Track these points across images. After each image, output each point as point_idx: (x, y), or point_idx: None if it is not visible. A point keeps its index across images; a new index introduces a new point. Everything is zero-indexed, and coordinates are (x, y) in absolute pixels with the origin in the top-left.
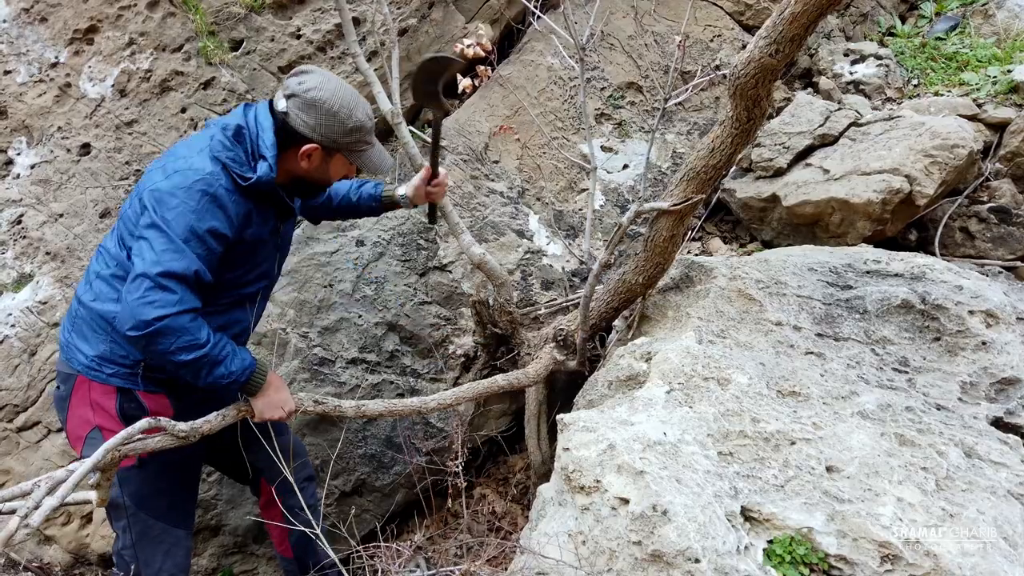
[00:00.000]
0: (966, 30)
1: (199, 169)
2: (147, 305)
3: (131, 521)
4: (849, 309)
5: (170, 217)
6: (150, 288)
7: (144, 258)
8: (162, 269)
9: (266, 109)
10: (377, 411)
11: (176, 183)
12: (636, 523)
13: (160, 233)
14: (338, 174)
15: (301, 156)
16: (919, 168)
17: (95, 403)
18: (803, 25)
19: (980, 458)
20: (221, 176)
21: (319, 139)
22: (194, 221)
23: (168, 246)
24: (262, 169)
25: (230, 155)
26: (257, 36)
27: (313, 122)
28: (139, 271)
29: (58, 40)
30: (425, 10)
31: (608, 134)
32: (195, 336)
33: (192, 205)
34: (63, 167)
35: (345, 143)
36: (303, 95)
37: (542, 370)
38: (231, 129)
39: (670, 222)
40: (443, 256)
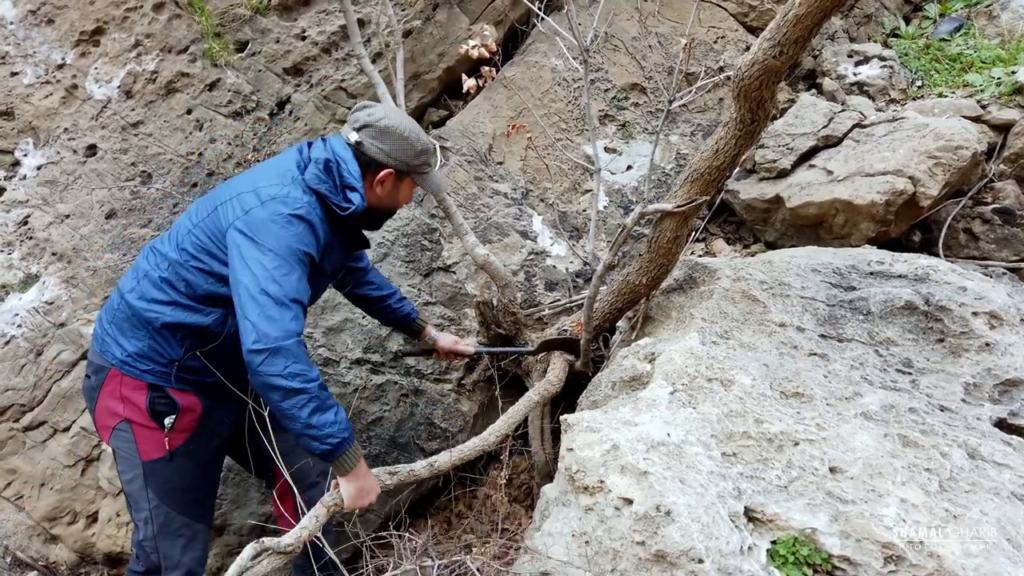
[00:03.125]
0: (970, 31)
1: (297, 198)
2: (271, 320)
3: (153, 513)
4: (853, 310)
5: (271, 241)
6: (272, 304)
7: (257, 276)
8: (279, 287)
9: (342, 142)
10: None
11: (275, 210)
12: (640, 523)
13: (266, 251)
14: (405, 199)
15: (376, 183)
16: (923, 169)
17: (125, 397)
18: (807, 27)
19: (983, 459)
20: (317, 206)
21: (393, 163)
22: (295, 243)
23: (279, 263)
24: (356, 199)
25: (326, 186)
26: (262, 38)
27: (388, 147)
28: (255, 290)
29: (64, 42)
30: (429, 12)
31: (612, 135)
32: (307, 367)
33: (292, 230)
34: (69, 168)
35: (415, 165)
36: (376, 124)
37: (562, 374)
38: (321, 162)
39: (674, 223)
40: (447, 257)
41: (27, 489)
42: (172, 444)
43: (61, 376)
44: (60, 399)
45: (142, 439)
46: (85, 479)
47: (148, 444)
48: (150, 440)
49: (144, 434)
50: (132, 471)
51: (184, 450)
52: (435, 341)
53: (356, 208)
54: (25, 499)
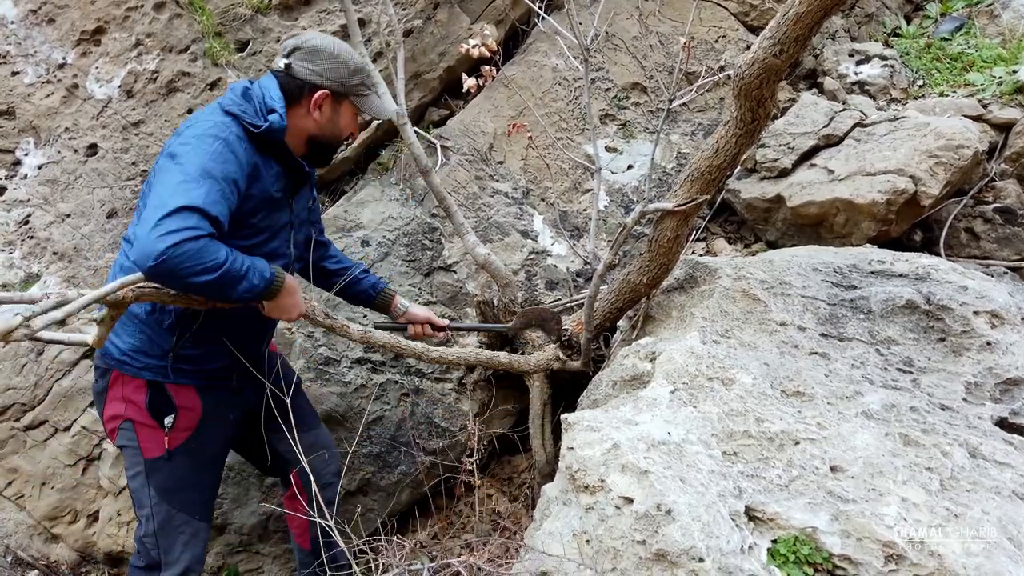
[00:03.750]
0: (971, 30)
1: (210, 120)
2: (162, 234)
3: (154, 511)
4: (854, 309)
5: (184, 160)
6: (164, 217)
7: (158, 193)
8: (177, 198)
9: (268, 75)
10: (382, 341)
11: (189, 135)
12: (640, 522)
13: (173, 171)
14: (347, 127)
15: (313, 106)
16: (924, 169)
17: (127, 398)
18: (807, 26)
19: (985, 458)
20: (232, 125)
21: (328, 83)
22: (208, 162)
23: (183, 179)
24: (273, 118)
25: (241, 108)
26: (263, 37)
27: (319, 67)
28: (154, 203)
29: (65, 41)
30: (430, 11)
31: (612, 135)
32: (214, 256)
33: (205, 148)
34: (70, 167)
35: (351, 85)
36: (305, 45)
37: (543, 362)
38: (238, 90)
39: (674, 222)
40: (448, 256)
41: (28, 488)
42: (172, 444)
43: (62, 375)
44: (61, 398)
45: (144, 437)
46: (86, 478)
47: (149, 442)
48: (151, 439)
49: (145, 432)
50: (135, 468)
51: (184, 449)
52: (406, 311)
53: (271, 124)
54: (26, 498)
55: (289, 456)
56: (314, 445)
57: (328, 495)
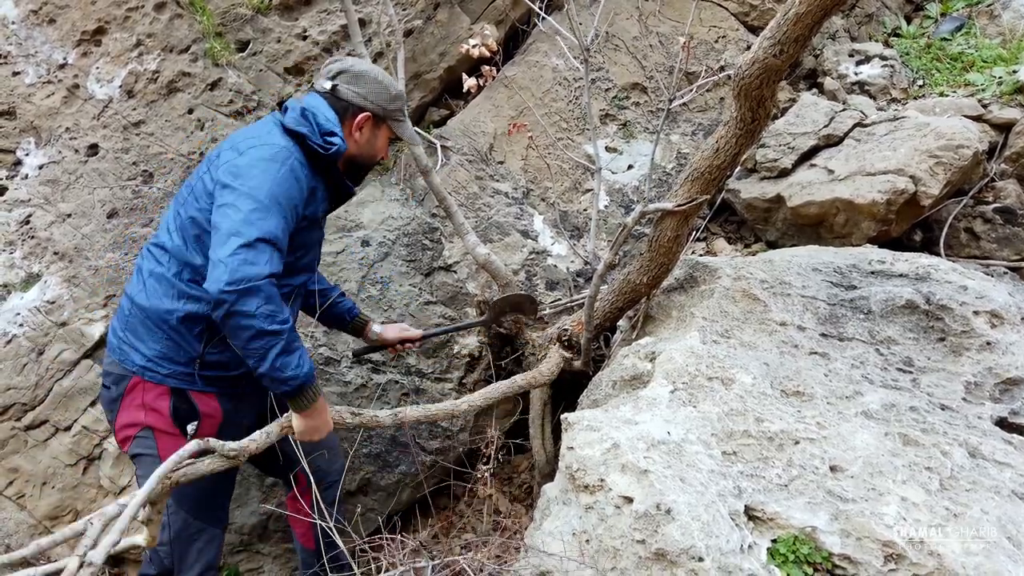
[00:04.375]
0: (971, 31)
1: (276, 143)
2: (243, 262)
3: (171, 520)
4: (853, 309)
5: (253, 183)
6: (242, 246)
7: (232, 219)
8: (253, 228)
9: (315, 95)
10: (414, 416)
11: (255, 156)
12: (640, 522)
13: (245, 197)
14: (381, 149)
15: (355, 128)
16: (924, 169)
17: (147, 405)
18: (807, 26)
19: (984, 458)
20: (296, 150)
21: (370, 107)
22: (275, 187)
23: (255, 207)
24: (337, 141)
25: (306, 128)
26: (263, 37)
27: (364, 90)
28: (230, 230)
29: (66, 41)
30: (430, 11)
31: (613, 135)
32: (280, 308)
33: (273, 174)
34: (71, 167)
35: (391, 111)
36: (350, 69)
37: (555, 368)
38: (297, 110)
39: (674, 222)
40: (448, 256)
41: (28, 488)
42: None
43: (63, 375)
44: (61, 398)
45: (164, 446)
46: (87, 478)
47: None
48: (172, 447)
49: (166, 441)
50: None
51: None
52: (380, 335)
53: (339, 148)
54: (27, 498)
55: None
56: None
57: (332, 494)
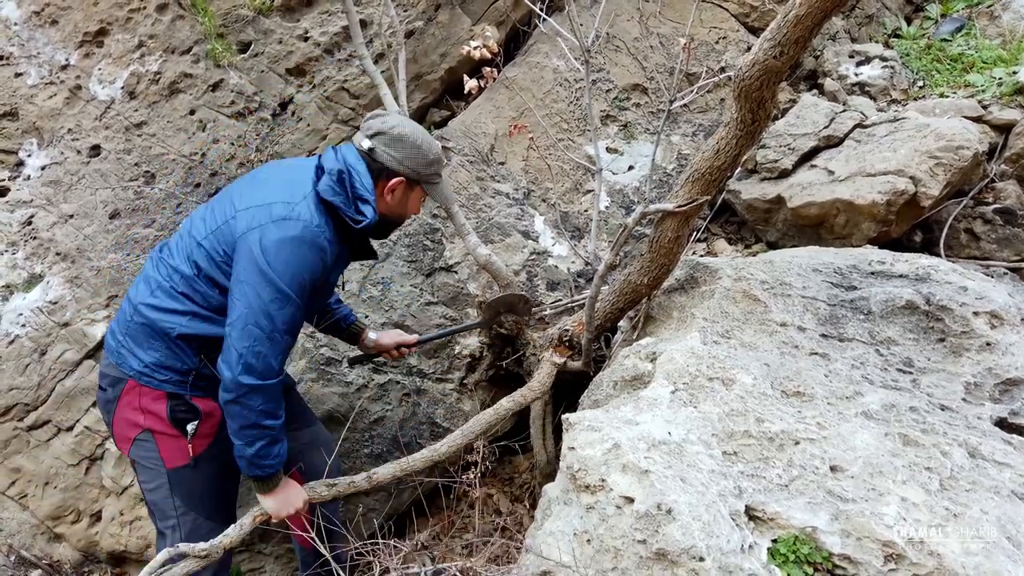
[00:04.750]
0: (972, 31)
1: (307, 221)
2: (259, 355)
3: (180, 521)
4: (854, 310)
5: (279, 269)
6: (260, 338)
7: (252, 305)
8: (273, 321)
9: (354, 152)
10: (390, 473)
11: (285, 232)
12: (641, 522)
13: (268, 284)
14: (414, 209)
15: (387, 191)
16: (924, 170)
17: (145, 408)
18: (807, 27)
19: (984, 458)
20: (326, 228)
21: (406, 171)
22: (300, 272)
23: (276, 296)
24: (369, 212)
25: (340, 199)
26: (265, 38)
27: (400, 155)
28: (248, 318)
29: (68, 42)
30: (432, 12)
31: (613, 136)
32: (278, 404)
33: (300, 258)
34: (73, 168)
35: (426, 175)
36: (389, 131)
37: (546, 380)
38: (334, 174)
39: (675, 223)
40: (449, 257)
41: (31, 488)
42: (196, 450)
43: (65, 375)
44: (64, 398)
45: (165, 448)
46: (89, 478)
47: (172, 452)
48: (173, 448)
49: (167, 443)
50: (156, 480)
51: (208, 455)
52: (376, 341)
53: (369, 221)
54: (29, 498)
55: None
56: (314, 441)
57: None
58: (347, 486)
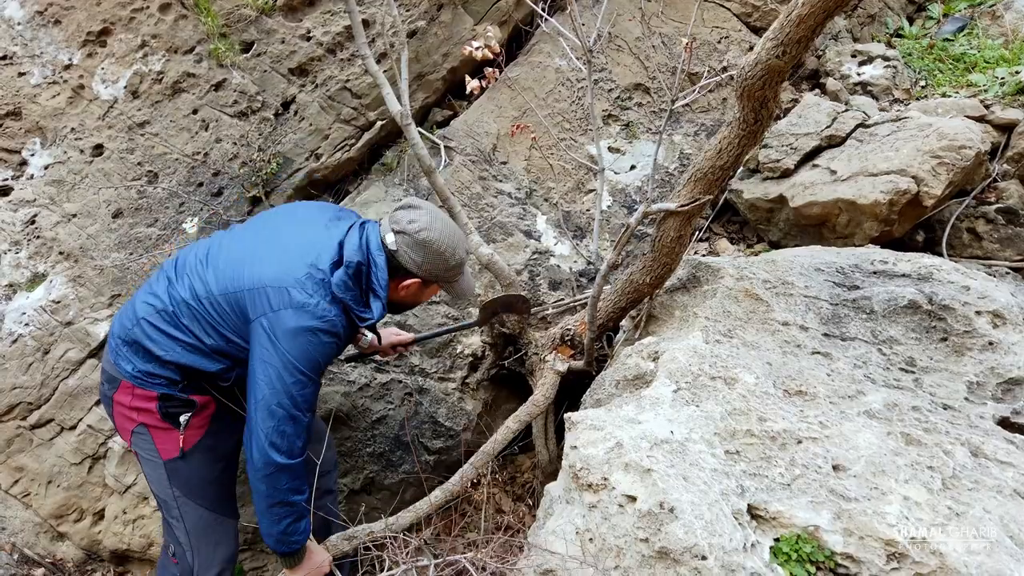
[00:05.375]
0: (974, 31)
1: (324, 311)
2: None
3: (182, 511)
4: (856, 309)
5: (296, 353)
6: (285, 419)
7: (274, 386)
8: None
9: (378, 243)
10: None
11: (302, 322)
12: (643, 520)
13: (288, 368)
14: (427, 298)
15: (401, 287)
16: (926, 169)
17: (136, 407)
18: (810, 27)
19: (986, 457)
20: (342, 318)
21: (423, 275)
22: (317, 357)
23: (297, 379)
24: (376, 309)
25: (351, 296)
26: (268, 38)
27: (420, 260)
28: (272, 400)
29: (71, 42)
30: (434, 12)
31: (615, 135)
32: (303, 481)
33: (316, 343)
34: (76, 168)
35: (445, 277)
36: (414, 235)
37: (550, 392)
38: (352, 267)
39: (677, 223)
40: None
41: (34, 487)
42: (188, 443)
43: (68, 374)
44: (67, 397)
45: (160, 440)
46: (92, 476)
47: (166, 444)
48: (167, 440)
49: (161, 435)
50: (156, 471)
51: (202, 446)
52: (371, 341)
53: (374, 320)
54: (32, 496)
55: None
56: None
57: (327, 483)
58: (366, 535)
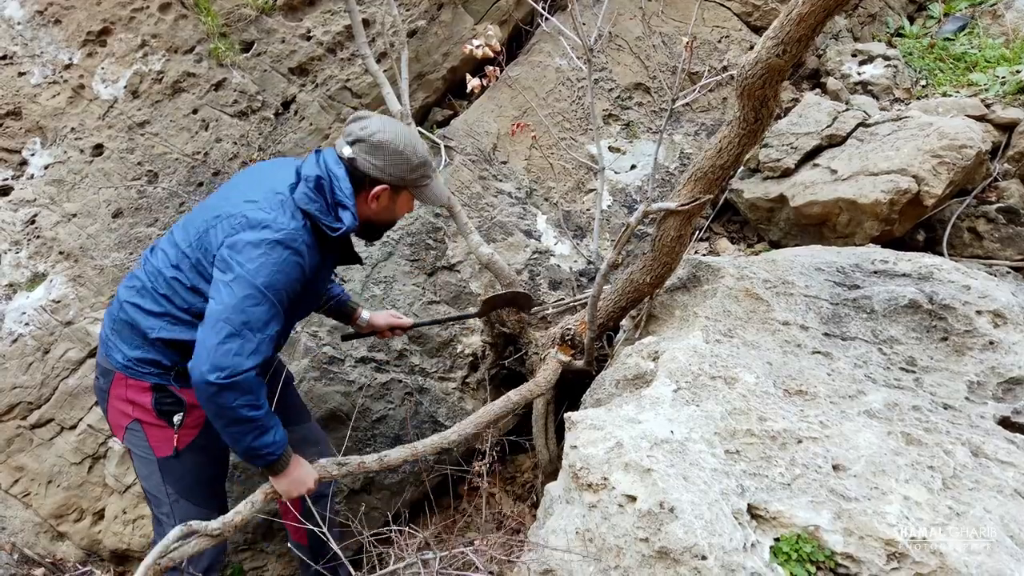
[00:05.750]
0: (975, 31)
1: (283, 224)
2: (228, 352)
3: (174, 508)
4: (856, 309)
5: (253, 267)
6: (231, 335)
7: (225, 302)
8: (243, 316)
9: (335, 157)
10: (401, 457)
11: (261, 236)
12: (643, 520)
13: (241, 281)
14: (403, 211)
15: (371, 198)
16: (927, 168)
17: (131, 400)
18: (810, 26)
19: (987, 457)
20: (304, 233)
21: (388, 179)
22: (275, 273)
23: (249, 293)
24: (347, 219)
25: (316, 206)
26: (268, 38)
27: (382, 163)
28: (220, 315)
29: (72, 42)
30: (434, 11)
31: (616, 135)
32: (257, 397)
33: (275, 258)
34: (76, 167)
35: (412, 179)
36: (368, 139)
37: (551, 376)
38: (312, 180)
39: (677, 222)
40: (451, 256)
41: (34, 486)
42: (182, 442)
43: (68, 374)
44: (67, 397)
45: (154, 437)
46: (92, 476)
47: (160, 441)
48: (161, 438)
49: (155, 432)
50: (148, 468)
51: (195, 445)
52: (370, 321)
53: (346, 228)
54: (32, 496)
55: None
56: (306, 438)
57: (322, 489)
58: (357, 465)
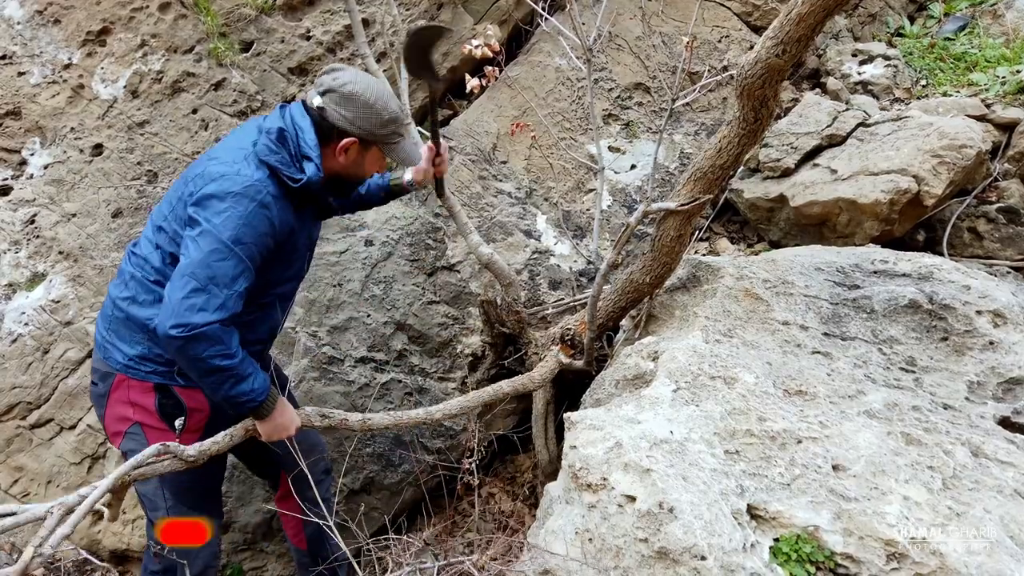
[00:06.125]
0: (975, 30)
1: (247, 176)
2: (192, 307)
3: (170, 513)
4: (856, 309)
5: (218, 221)
6: (196, 290)
7: (191, 258)
8: (209, 271)
9: (301, 109)
10: (383, 423)
11: (224, 188)
12: (643, 520)
13: (207, 236)
14: (372, 168)
15: (339, 151)
16: (927, 168)
17: (134, 402)
18: (810, 26)
19: (987, 457)
20: (269, 183)
21: (357, 132)
22: (241, 227)
23: (215, 247)
24: (310, 170)
25: (277, 158)
26: (267, 38)
27: (351, 115)
28: (185, 271)
29: (71, 41)
30: (434, 11)
31: (616, 135)
32: (228, 346)
33: (240, 211)
34: (76, 167)
35: (381, 135)
36: (339, 89)
37: (547, 374)
38: (274, 132)
39: (677, 222)
40: (451, 256)
41: (34, 486)
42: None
43: (67, 374)
44: (66, 397)
45: (154, 441)
46: (91, 476)
47: None
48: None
49: (156, 436)
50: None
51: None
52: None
53: (309, 178)
54: (31, 496)
55: (277, 457)
56: (302, 443)
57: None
58: (340, 421)
